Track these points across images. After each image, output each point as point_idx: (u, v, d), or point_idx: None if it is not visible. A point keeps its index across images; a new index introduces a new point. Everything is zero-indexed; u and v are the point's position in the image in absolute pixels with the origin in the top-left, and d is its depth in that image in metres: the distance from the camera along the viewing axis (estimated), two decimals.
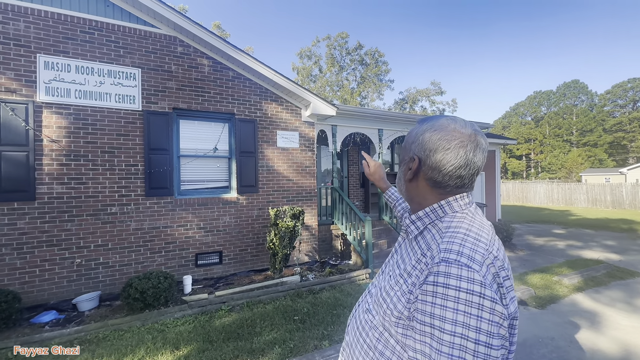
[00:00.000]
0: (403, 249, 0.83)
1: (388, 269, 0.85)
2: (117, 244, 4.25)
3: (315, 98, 5.55)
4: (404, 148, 0.83)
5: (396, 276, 0.75)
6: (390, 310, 0.71)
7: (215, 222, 4.90)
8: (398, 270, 0.77)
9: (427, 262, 0.67)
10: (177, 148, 4.75)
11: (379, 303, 0.77)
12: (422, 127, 0.79)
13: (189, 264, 4.69)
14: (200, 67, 4.88)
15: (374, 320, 0.78)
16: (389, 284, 0.76)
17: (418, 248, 0.75)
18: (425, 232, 0.77)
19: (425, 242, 0.74)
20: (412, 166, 0.79)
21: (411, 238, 0.80)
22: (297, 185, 5.65)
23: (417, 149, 0.78)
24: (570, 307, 3.94)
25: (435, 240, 0.71)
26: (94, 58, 4.19)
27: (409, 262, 0.74)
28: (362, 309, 0.86)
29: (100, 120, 4.20)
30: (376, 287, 0.84)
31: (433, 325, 0.60)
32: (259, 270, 5.20)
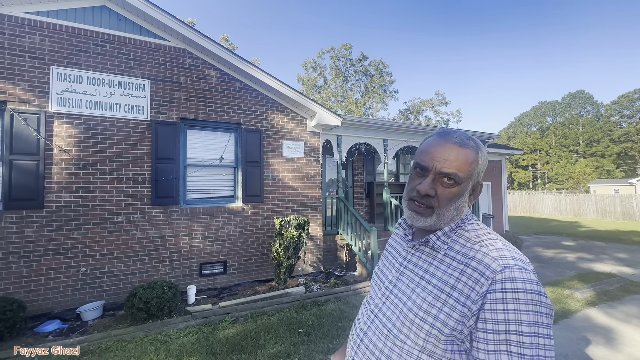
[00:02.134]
0: (422, 263, 0.81)
1: (403, 287, 0.81)
2: (123, 253, 4.26)
3: (320, 108, 5.60)
4: (467, 171, 0.76)
5: (431, 293, 0.73)
6: (437, 329, 0.70)
7: (220, 231, 4.90)
8: (431, 287, 0.74)
9: (482, 272, 0.68)
10: (184, 157, 4.79)
11: (415, 325, 0.73)
12: (476, 150, 0.78)
13: (193, 274, 4.67)
14: (208, 78, 4.97)
15: (404, 345, 0.74)
16: (425, 302, 0.73)
17: (451, 260, 0.75)
18: (449, 243, 0.78)
19: (459, 253, 0.75)
20: (478, 190, 0.82)
21: (434, 252, 0.80)
22: (302, 195, 5.64)
23: (479, 172, 0.79)
24: (584, 323, 3.81)
25: (475, 248, 0.73)
26: (105, 70, 4.29)
27: (450, 275, 0.73)
28: (376, 335, 0.80)
29: (109, 130, 4.27)
30: (394, 309, 0.79)
31: (509, 332, 0.62)
32: (264, 280, 5.15)
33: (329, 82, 30.52)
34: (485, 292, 0.66)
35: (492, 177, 11.05)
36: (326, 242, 6.08)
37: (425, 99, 31.18)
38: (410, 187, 0.81)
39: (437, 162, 0.76)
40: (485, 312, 0.65)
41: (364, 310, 0.91)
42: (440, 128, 3.84)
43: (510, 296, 0.64)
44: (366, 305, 0.92)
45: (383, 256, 0.99)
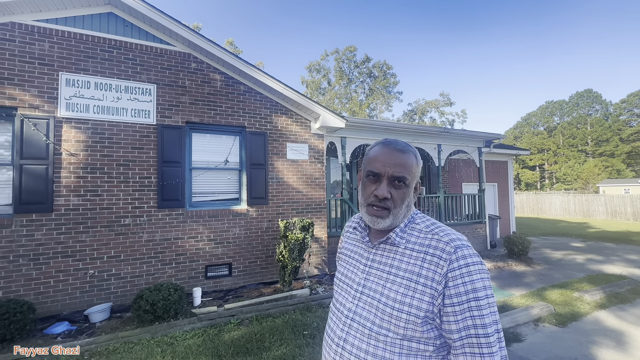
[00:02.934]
0: (385, 260, 0.88)
1: (373, 285, 0.86)
2: (129, 256, 4.30)
3: (324, 110, 5.61)
4: (411, 173, 0.87)
5: (400, 285, 0.82)
6: (413, 315, 0.78)
7: (225, 233, 4.92)
8: (399, 279, 0.83)
9: (440, 255, 0.79)
10: (189, 161, 4.84)
11: (394, 317, 0.80)
12: (414, 155, 0.90)
13: (198, 276, 4.70)
14: (212, 82, 5.02)
15: (387, 339, 0.80)
16: (398, 294, 0.81)
17: (411, 251, 0.85)
18: (406, 237, 0.88)
19: (416, 244, 0.85)
20: (418, 188, 0.93)
21: (394, 248, 0.88)
22: (306, 197, 5.65)
23: (418, 172, 0.90)
24: (594, 326, 3.74)
25: (428, 237, 0.85)
26: (112, 75, 4.36)
27: (414, 265, 0.82)
28: (358, 339, 0.84)
29: (116, 134, 4.34)
30: (369, 308, 0.84)
31: (469, 300, 0.75)
32: (269, 282, 5.15)
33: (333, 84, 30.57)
34: (446, 272, 0.77)
35: (499, 177, 10.93)
36: (331, 244, 6.07)
37: (430, 100, 31.04)
38: (367, 193, 0.89)
39: (388, 167, 0.85)
40: (449, 289, 0.76)
41: (335, 318, 0.93)
42: (444, 128, 3.86)
43: (465, 270, 0.76)
44: (336, 313, 0.94)
45: (342, 262, 1.02)
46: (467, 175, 10.26)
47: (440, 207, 7.46)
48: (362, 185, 0.92)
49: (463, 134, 7.88)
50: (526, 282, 5.57)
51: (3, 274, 3.69)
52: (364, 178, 0.91)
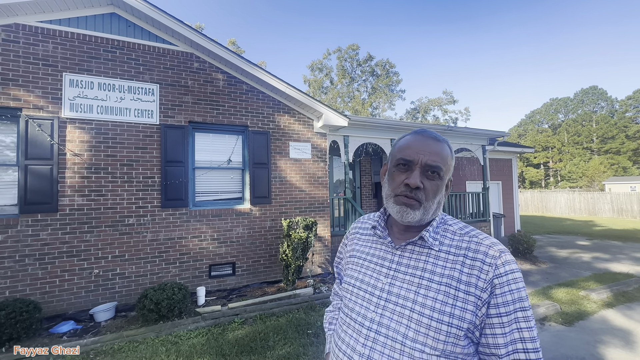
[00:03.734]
0: (414, 262, 0.78)
1: (402, 292, 0.75)
2: (134, 255, 4.32)
3: (327, 109, 5.59)
4: (446, 164, 0.79)
5: (439, 290, 0.72)
6: (455, 326, 0.69)
7: (228, 233, 4.93)
8: (435, 285, 0.73)
9: (483, 260, 0.71)
10: (193, 160, 4.84)
11: (433, 329, 0.69)
12: (449, 146, 0.82)
13: (202, 275, 4.71)
14: (215, 81, 5.02)
15: (423, 355, 0.69)
16: (437, 302, 0.71)
17: (446, 254, 0.76)
18: (439, 238, 0.79)
19: (452, 246, 0.77)
20: (450, 186, 0.83)
21: (425, 250, 0.79)
22: (309, 196, 5.64)
23: (452, 167, 0.81)
24: (601, 325, 3.70)
25: (465, 240, 0.77)
26: (116, 75, 4.37)
27: (453, 269, 0.73)
28: (386, 356, 0.72)
29: (120, 134, 4.35)
30: (399, 319, 0.73)
31: (520, 309, 0.69)
32: (272, 282, 5.15)
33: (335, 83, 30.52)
34: (492, 278, 0.69)
35: (503, 175, 10.85)
36: (334, 243, 6.06)
37: (433, 98, 30.89)
38: (396, 183, 0.79)
39: (422, 155, 0.76)
40: (496, 297, 0.69)
41: (351, 332, 0.80)
42: (447, 126, 3.85)
43: (512, 277, 0.70)
44: (351, 325, 0.81)
45: (354, 265, 0.89)
46: (471, 173, 10.19)
47: (444, 206, 7.41)
48: (390, 175, 0.82)
49: (467, 132, 7.82)
50: (532, 280, 5.52)
51: (9, 274, 3.72)
52: (392, 168, 0.82)
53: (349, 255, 0.94)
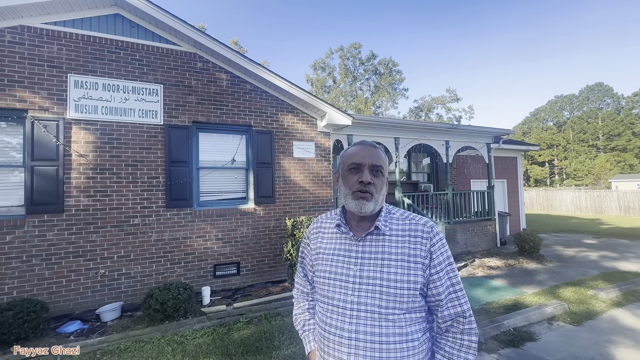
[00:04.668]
0: (374, 248, 0.98)
1: (371, 273, 0.95)
2: (139, 255, 4.34)
3: (330, 108, 5.57)
4: (385, 164, 1.03)
5: (397, 267, 0.93)
6: (413, 289, 0.92)
7: (233, 233, 4.93)
8: (393, 262, 0.94)
9: (422, 235, 0.96)
10: (197, 160, 4.85)
11: (398, 295, 0.91)
12: (383, 152, 1.05)
13: (207, 275, 4.71)
14: (218, 81, 5.02)
15: (395, 316, 0.91)
16: (397, 274, 0.93)
17: (396, 237, 0.98)
18: (389, 225, 1.01)
19: (398, 229, 0.99)
20: (387, 183, 1.06)
21: (380, 236, 0.99)
22: (313, 195, 5.62)
23: (387, 166, 1.05)
24: (610, 324, 3.64)
25: (407, 223, 1.00)
26: (120, 76, 4.38)
27: (403, 247, 0.96)
28: (369, 325, 0.91)
29: (124, 134, 4.37)
30: (372, 294, 0.92)
31: (448, 265, 0.97)
32: (277, 281, 5.15)
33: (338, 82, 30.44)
34: (429, 248, 0.95)
35: (508, 174, 10.75)
36: None
37: (436, 96, 30.70)
38: (351, 182, 0.99)
39: (368, 159, 0.99)
40: (433, 260, 0.95)
41: (336, 315, 0.97)
42: (451, 125, 3.97)
43: (440, 244, 0.97)
44: (335, 310, 0.98)
45: (324, 261, 1.06)
46: (475, 171, 10.11)
47: (449, 204, 7.36)
48: (344, 179, 1.03)
49: (471, 130, 7.75)
50: (538, 279, 5.46)
51: (17, 274, 3.75)
52: (344, 172, 1.03)
53: (316, 252, 1.10)
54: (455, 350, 0.95)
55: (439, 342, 0.99)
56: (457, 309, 0.96)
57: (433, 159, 9.54)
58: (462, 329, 0.96)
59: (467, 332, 0.96)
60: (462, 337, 0.96)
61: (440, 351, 0.97)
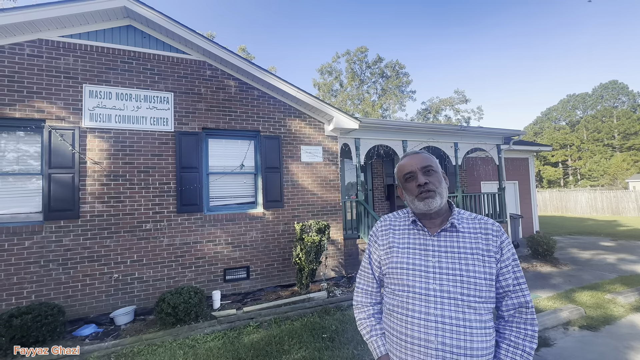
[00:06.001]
0: (450, 243, 1.09)
1: (450, 264, 1.05)
2: (151, 260, 4.42)
3: (337, 112, 5.60)
4: (434, 162, 1.16)
5: (474, 260, 1.05)
6: (489, 280, 1.03)
7: (242, 237, 4.98)
8: (470, 255, 1.05)
9: (493, 233, 1.09)
10: (206, 166, 4.93)
11: (477, 284, 1.02)
12: (428, 154, 1.17)
13: (217, 279, 4.76)
14: (227, 88, 5.11)
15: (474, 304, 1.00)
16: (475, 266, 1.03)
17: (469, 233, 1.09)
18: (462, 222, 1.13)
19: (471, 227, 1.11)
20: (446, 177, 1.20)
21: (454, 233, 1.10)
22: (321, 199, 5.64)
23: (438, 164, 1.18)
24: (630, 330, 3.52)
25: (477, 222, 1.12)
26: (132, 85, 4.51)
27: (477, 243, 1.07)
28: (453, 310, 1.00)
29: (137, 142, 4.48)
30: (454, 283, 1.02)
31: (514, 260, 1.09)
32: (286, 285, 5.17)
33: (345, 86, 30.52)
34: (499, 244, 1.07)
35: (519, 175, 10.56)
36: (347, 246, 6.03)
37: (444, 98, 30.43)
38: (411, 189, 1.13)
39: (416, 164, 1.12)
40: (503, 255, 1.07)
41: (419, 301, 1.05)
42: (460, 126, 4.07)
43: (507, 241, 1.09)
44: (417, 297, 1.06)
45: (402, 252, 1.15)
46: (485, 173, 9.96)
47: (459, 207, 7.26)
48: (405, 190, 1.16)
49: (480, 132, 7.67)
50: (553, 283, 5.33)
51: (35, 279, 3.87)
52: (403, 184, 1.16)
53: (388, 247, 1.18)
54: (520, 340, 1.03)
55: (502, 332, 1.07)
56: (520, 299, 1.06)
57: (442, 161, 9.44)
58: (526, 319, 1.05)
59: (530, 322, 1.05)
60: (526, 327, 1.05)
61: (505, 341, 1.05)
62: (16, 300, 3.77)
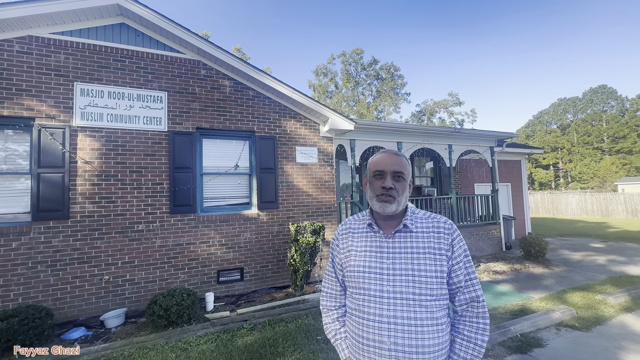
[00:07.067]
0: (403, 244, 1.12)
1: (403, 265, 1.08)
2: (143, 261, 4.35)
3: (333, 113, 5.59)
4: (406, 170, 1.17)
5: (425, 259, 1.08)
6: (440, 277, 1.07)
7: (236, 238, 4.93)
8: (422, 255, 1.09)
9: (444, 232, 1.13)
10: (200, 166, 4.88)
11: (429, 283, 1.05)
12: (405, 159, 1.19)
13: (210, 281, 4.71)
14: (222, 88, 5.07)
15: (427, 302, 1.04)
16: (427, 265, 1.07)
17: (422, 233, 1.13)
18: (415, 223, 1.17)
19: (423, 227, 1.15)
20: (411, 185, 1.23)
21: (408, 233, 1.14)
22: (316, 200, 5.62)
23: (409, 172, 1.19)
24: (620, 330, 3.58)
25: (429, 221, 1.17)
26: (125, 84, 4.45)
27: (429, 242, 1.11)
28: (405, 310, 1.04)
29: (129, 141, 4.41)
30: (406, 283, 1.06)
31: (465, 256, 1.13)
32: (280, 287, 5.13)
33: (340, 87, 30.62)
34: (451, 242, 1.12)
35: (512, 177, 10.69)
36: None
37: (439, 100, 30.76)
38: (375, 187, 1.15)
39: (390, 166, 1.13)
40: (454, 252, 1.11)
41: (374, 304, 1.08)
42: (454, 128, 4.14)
43: (459, 238, 1.14)
44: (372, 299, 1.09)
45: (355, 257, 1.18)
46: (479, 175, 10.06)
47: (453, 209, 7.32)
48: (370, 184, 1.18)
49: (474, 134, 7.74)
50: (545, 284, 5.39)
51: (22, 281, 3.77)
52: (370, 178, 1.18)
53: (347, 250, 1.21)
54: (472, 334, 1.09)
55: (457, 327, 1.12)
56: (472, 294, 1.11)
57: (436, 163, 9.52)
58: (477, 312, 1.10)
59: (481, 315, 1.10)
60: (478, 320, 1.10)
61: (459, 335, 1.10)
62: (2, 302, 3.67)
